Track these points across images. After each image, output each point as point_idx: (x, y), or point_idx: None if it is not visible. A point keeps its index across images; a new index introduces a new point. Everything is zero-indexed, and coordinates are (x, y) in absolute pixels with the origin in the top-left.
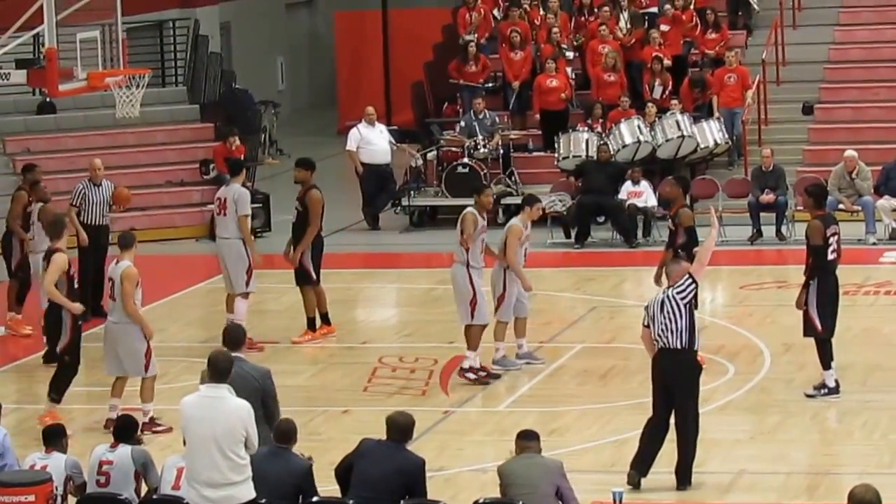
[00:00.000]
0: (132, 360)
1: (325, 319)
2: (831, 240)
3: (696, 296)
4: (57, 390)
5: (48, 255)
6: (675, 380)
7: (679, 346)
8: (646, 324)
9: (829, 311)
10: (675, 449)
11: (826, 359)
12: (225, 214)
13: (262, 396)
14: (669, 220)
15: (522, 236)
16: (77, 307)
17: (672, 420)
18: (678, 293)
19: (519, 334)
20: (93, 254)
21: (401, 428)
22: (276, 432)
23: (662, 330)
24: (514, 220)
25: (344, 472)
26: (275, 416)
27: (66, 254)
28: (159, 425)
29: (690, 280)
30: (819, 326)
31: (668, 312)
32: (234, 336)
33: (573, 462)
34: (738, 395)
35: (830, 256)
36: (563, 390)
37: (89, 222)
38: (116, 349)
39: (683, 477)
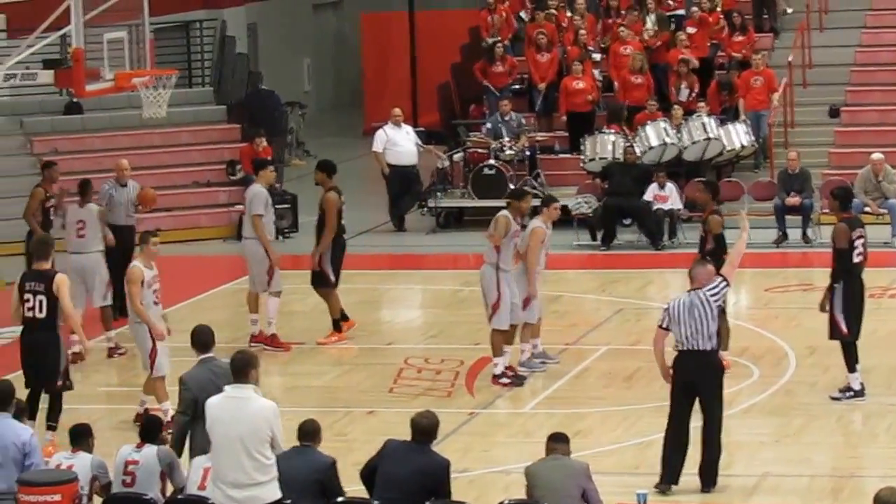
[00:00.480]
0: (142, 359)
1: (343, 317)
2: (857, 243)
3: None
4: (55, 419)
5: (45, 278)
6: (703, 381)
7: (708, 348)
8: (665, 325)
9: (855, 314)
10: (697, 451)
11: (851, 362)
12: (246, 214)
13: None
14: (701, 227)
15: (545, 238)
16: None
17: (691, 422)
18: (712, 295)
19: (533, 334)
20: (118, 254)
21: (424, 429)
22: (301, 432)
23: (692, 332)
24: (536, 223)
25: (369, 475)
26: None
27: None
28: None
29: (724, 282)
30: (844, 329)
31: (698, 315)
32: (201, 338)
33: (597, 464)
34: (762, 398)
35: (856, 259)
36: (588, 392)
37: (115, 223)
38: None
39: (708, 478)
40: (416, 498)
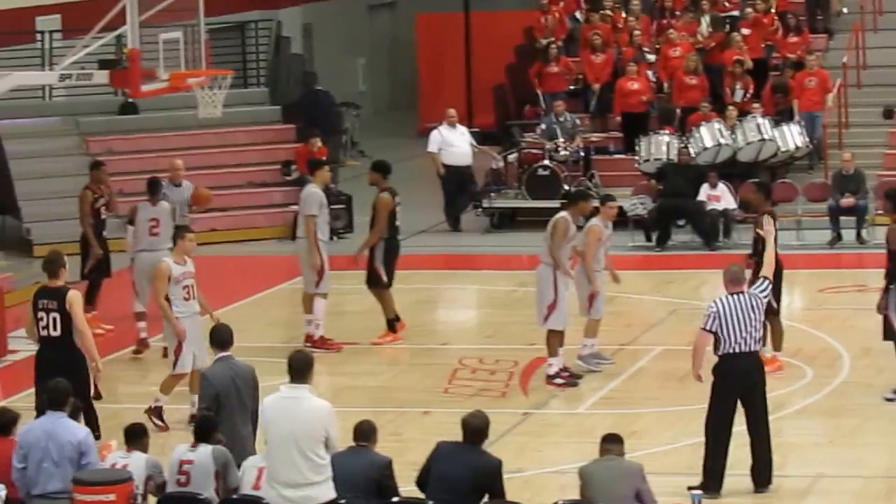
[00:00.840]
0: (169, 354)
1: (391, 325)
2: None
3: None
4: (97, 427)
5: (58, 295)
6: (755, 382)
7: (758, 349)
8: (712, 329)
9: None
10: (738, 451)
11: None
12: (301, 214)
13: (255, 393)
14: (753, 228)
15: (603, 236)
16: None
17: (735, 424)
18: (762, 293)
19: (593, 333)
20: None
21: (476, 429)
22: (357, 432)
23: (747, 334)
24: (594, 221)
25: (426, 480)
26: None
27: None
28: (161, 420)
29: (769, 281)
30: None
31: (753, 317)
32: (219, 336)
33: (652, 464)
34: (816, 399)
35: None
36: (643, 393)
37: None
38: None
39: (763, 479)
40: (469, 498)
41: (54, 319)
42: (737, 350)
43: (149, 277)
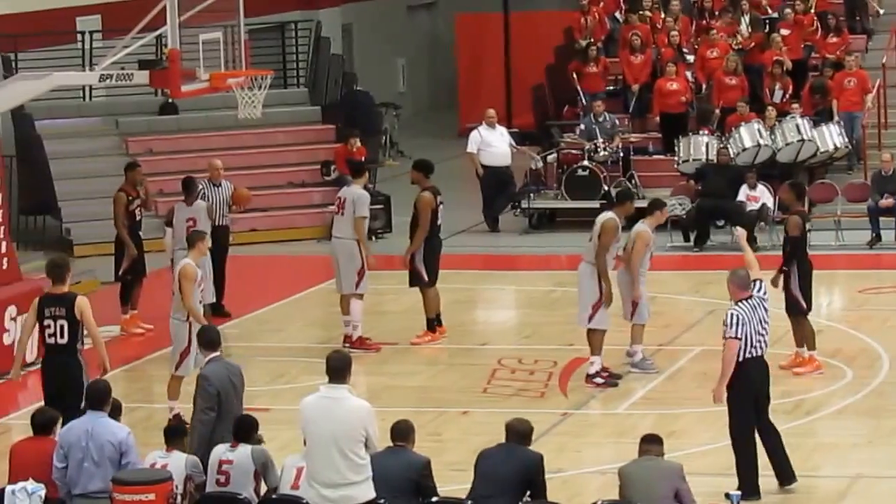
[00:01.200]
0: (173, 354)
1: (430, 325)
2: None
3: None
4: None
5: (65, 301)
6: (766, 384)
7: (766, 350)
8: (738, 336)
9: None
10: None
11: None
12: (342, 214)
13: (242, 392)
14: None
15: (650, 242)
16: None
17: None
18: (766, 298)
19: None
20: (213, 255)
21: (520, 433)
22: (394, 432)
23: (763, 337)
24: (642, 226)
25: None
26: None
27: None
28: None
29: (763, 282)
30: None
31: (766, 320)
32: (209, 337)
33: (691, 465)
34: (855, 399)
35: None
36: (682, 393)
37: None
38: None
39: (787, 475)
40: (513, 494)
41: (62, 327)
42: (753, 354)
43: None
